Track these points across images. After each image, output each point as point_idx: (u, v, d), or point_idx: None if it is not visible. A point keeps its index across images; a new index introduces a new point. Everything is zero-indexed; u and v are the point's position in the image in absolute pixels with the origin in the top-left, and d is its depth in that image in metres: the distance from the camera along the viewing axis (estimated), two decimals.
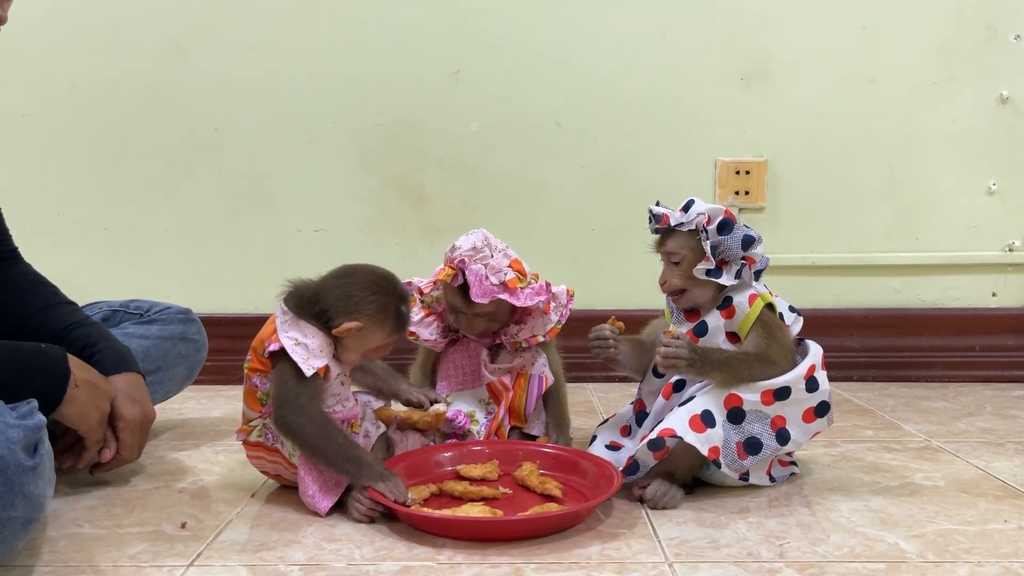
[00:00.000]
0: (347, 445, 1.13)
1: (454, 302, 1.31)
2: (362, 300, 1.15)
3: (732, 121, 1.98)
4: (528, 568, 0.97)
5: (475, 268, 1.27)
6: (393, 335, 1.18)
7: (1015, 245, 1.99)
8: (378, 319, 1.16)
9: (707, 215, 1.19)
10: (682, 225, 1.21)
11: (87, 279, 1.75)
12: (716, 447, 1.14)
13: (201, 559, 1.01)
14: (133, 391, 1.26)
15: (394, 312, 1.17)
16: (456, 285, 1.30)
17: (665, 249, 1.24)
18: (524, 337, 1.36)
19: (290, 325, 1.14)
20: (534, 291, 1.30)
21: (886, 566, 0.98)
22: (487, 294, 1.26)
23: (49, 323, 1.32)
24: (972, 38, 1.95)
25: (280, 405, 1.13)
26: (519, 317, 1.37)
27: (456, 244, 1.31)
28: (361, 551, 1.03)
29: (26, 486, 0.89)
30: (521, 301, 1.29)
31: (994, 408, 1.73)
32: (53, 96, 1.98)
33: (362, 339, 1.17)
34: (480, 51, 1.97)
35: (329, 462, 1.13)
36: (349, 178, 2.00)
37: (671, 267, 1.24)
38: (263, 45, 1.97)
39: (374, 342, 1.17)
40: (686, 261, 1.22)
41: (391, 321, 1.17)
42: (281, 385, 1.14)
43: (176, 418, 1.68)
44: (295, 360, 1.11)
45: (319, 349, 1.14)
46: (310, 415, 1.12)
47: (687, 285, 1.23)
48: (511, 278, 1.28)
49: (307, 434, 1.12)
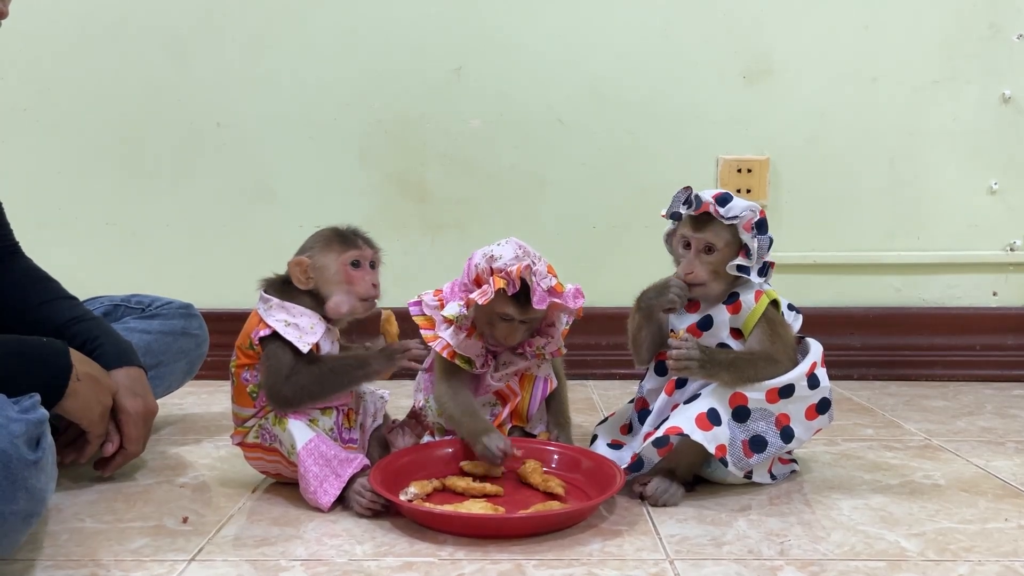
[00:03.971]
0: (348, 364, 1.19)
1: (506, 311, 1.26)
2: (308, 242, 1.23)
3: (734, 119, 1.98)
4: (529, 565, 0.98)
5: (532, 276, 1.25)
6: (344, 252, 1.19)
7: (1016, 244, 1.99)
8: (322, 247, 1.20)
9: (754, 211, 1.18)
10: (735, 218, 1.18)
11: (88, 274, 1.75)
12: (723, 445, 1.14)
13: (203, 554, 1.01)
14: (135, 385, 1.26)
15: (332, 233, 1.21)
16: (511, 294, 1.26)
17: (703, 237, 1.20)
18: (550, 350, 1.35)
19: (276, 308, 1.17)
20: (571, 295, 1.30)
21: (886, 564, 0.98)
22: (545, 300, 1.25)
23: (50, 318, 1.32)
24: (974, 37, 1.95)
25: (273, 384, 1.15)
26: (543, 329, 1.36)
27: (494, 255, 1.27)
28: (362, 547, 1.03)
29: (28, 480, 0.89)
30: (573, 305, 1.28)
31: (994, 407, 1.74)
32: (55, 91, 1.98)
33: (322, 273, 1.19)
34: (482, 48, 1.96)
35: (346, 388, 1.20)
36: (350, 174, 2.00)
37: (700, 256, 1.20)
38: (265, 41, 1.97)
39: (331, 269, 1.19)
40: (721, 254, 1.20)
41: (335, 241, 1.20)
42: (273, 365, 1.15)
43: (177, 413, 1.68)
44: (289, 339, 1.14)
45: (310, 327, 1.16)
46: (307, 375, 1.15)
47: (711, 279, 1.21)
48: (557, 283, 1.27)
49: (312, 391, 1.16)
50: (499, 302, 1.26)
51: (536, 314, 1.28)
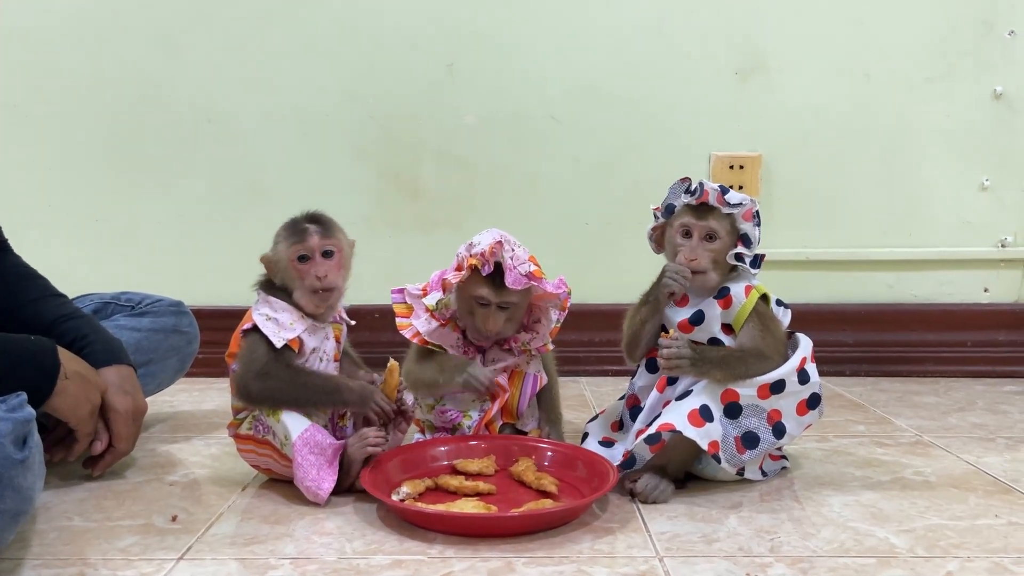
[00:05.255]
0: (323, 386, 1.18)
1: (480, 293, 1.26)
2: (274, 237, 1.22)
3: (726, 115, 1.98)
4: (519, 562, 0.97)
5: (505, 256, 1.26)
6: (292, 245, 1.18)
7: (1008, 241, 2.00)
8: (279, 240, 1.20)
9: (754, 202, 1.21)
10: (737, 207, 1.20)
11: (78, 271, 1.74)
12: (715, 441, 1.14)
13: (192, 552, 1.01)
14: (124, 383, 1.26)
15: (286, 225, 1.21)
16: (486, 275, 1.26)
17: (707, 225, 1.21)
18: (536, 346, 1.35)
19: (262, 303, 1.19)
20: (554, 285, 1.30)
21: (876, 560, 0.98)
22: (519, 281, 1.25)
23: (39, 315, 1.31)
24: (967, 33, 1.95)
25: (242, 377, 1.16)
26: (529, 325, 1.36)
27: (473, 241, 1.28)
28: (352, 544, 1.03)
29: (15, 479, 0.89)
30: (551, 288, 1.28)
31: (985, 403, 1.74)
32: (44, 86, 1.97)
33: (278, 267, 1.20)
34: (475, 44, 1.96)
35: (312, 407, 1.18)
36: (344, 171, 1.99)
37: (702, 244, 1.21)
38: (257, 36, 1.96)
39: (283, 263, 1.19)
40: (722, 243, 1.21)
41: (285, 234, 1.20)
42: (246, 357, 1.16)
43: (167, 411, 1.67)
44: (266, 334, 1.15)
45: (290, 323, 1.17)
46: (276, 376, 1.15)
47: (711, 267, 1.21)
48: (535, 269, 1.28)
49: (278, 397, 1.16)
50: (474, 284, 1.27)
51: (512, 297, 1.27)
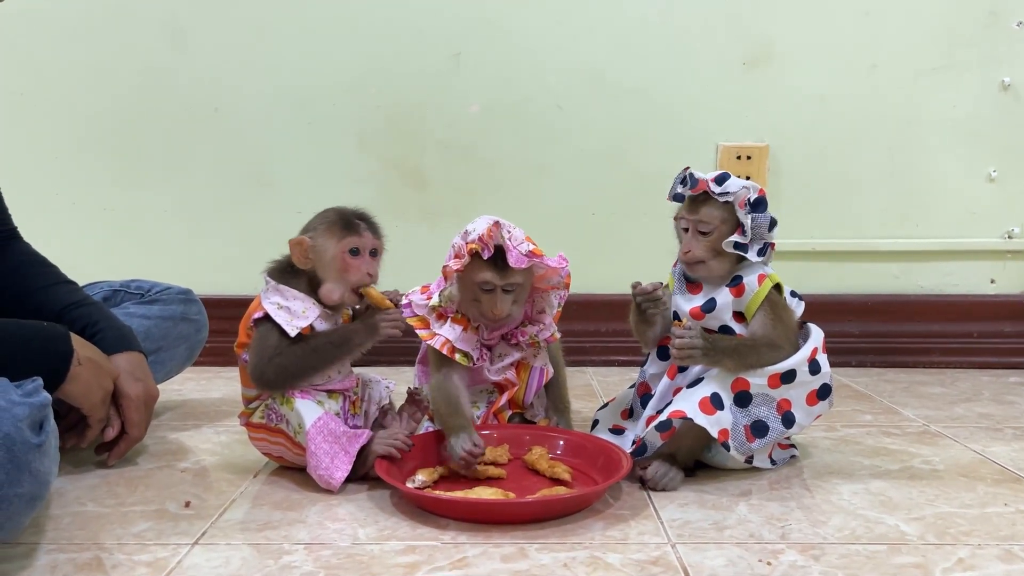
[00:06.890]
0: (330, 341, 1.17)
1: (484, 277, 1.24)
2: (313, 221, 1.21)
3: (734, 106, 1.97)
4: (532, 548, 0.98)
5: (504, 237, 1.24)
6: (344, 239, 1.17)
7: (1014, 232, 2.00)
8: (324, 229, 1.18)
9: (749, 189, 1.19)
10: (727, 195, 1.19)
11: (87, 259, 1.74)
12: (726, 429, 1.15)
13: (206, 537, 1.01)
14: (135, 370, 1.26)
15: (336, 216, 1.19)
16: (487, 258, 1.24)
17: (697, 217, 1.21)
18: (544, 337, 1.34)
19: (272, 291, 1.18)
20: (555, 260, 1.27)
21: (887, 547, 0.99)
22: (522, 260, 1.22)
23: (49, 303, 1.31)
24: (974, 24, 1.95)
25: (256, 365, 1.15)
26: (533, 316, 1.36)
27: (468, 229, 1.26)
28: (365, 530, 1.03)
29: (32, 463, 0.89)
30: (553, 263, 1.26)
31: (992, 394, 1.74)
32: (52, 75, 1.97)
33: (320, 256, 1.18)
34: (481, 33, 1.96)
35: (329, 367, 1.18)
36: (349, 160, 1.99)
37: (697, 236, 1.21)
38: (264, 26, 1.96)
39: (329, 253, 1.17)
40: (717, 232, 1.20)
41: (337, 225, 1.18)
42: (259, 345, 1.16)
43: (177, 399, 1.68)
44: (279, 322, 1.14)
45: (302, 311, 1.16)
46: (289, 355, 1.14)
47: (709, 257, 1.21)
48: (535, 247, 1.26)
49: (293, 372, 1.15)
50: (476, 269, 1.24)
51: (516, 277, 1.24)
